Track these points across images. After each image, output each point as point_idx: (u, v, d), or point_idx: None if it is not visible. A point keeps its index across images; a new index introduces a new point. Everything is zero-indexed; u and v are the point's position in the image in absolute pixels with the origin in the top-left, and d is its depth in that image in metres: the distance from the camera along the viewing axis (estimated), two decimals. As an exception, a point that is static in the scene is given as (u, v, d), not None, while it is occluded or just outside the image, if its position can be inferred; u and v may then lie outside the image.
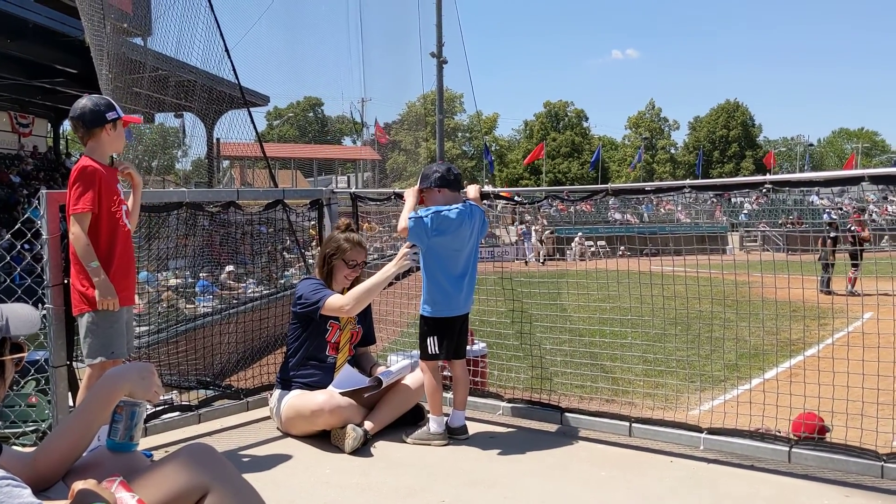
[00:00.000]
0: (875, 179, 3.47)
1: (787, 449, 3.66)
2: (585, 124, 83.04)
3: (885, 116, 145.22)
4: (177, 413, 4.55)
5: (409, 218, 4.15)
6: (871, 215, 44.19)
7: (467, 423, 4.33)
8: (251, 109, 14.23)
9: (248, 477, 2.35)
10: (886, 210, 47.55)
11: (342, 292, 4.41)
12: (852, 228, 18.48)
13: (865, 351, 3.78)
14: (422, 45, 41.71)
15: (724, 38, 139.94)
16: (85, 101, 3.73)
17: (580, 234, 32.58)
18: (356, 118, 63.94)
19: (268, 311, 5.56)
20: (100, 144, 3.74)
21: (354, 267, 4.43)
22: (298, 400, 4.25)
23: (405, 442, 4.18)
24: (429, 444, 4.15)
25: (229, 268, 9.62)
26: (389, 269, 4.25)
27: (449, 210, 4.18)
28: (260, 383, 5.06)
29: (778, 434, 3.86)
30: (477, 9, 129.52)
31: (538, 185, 65.66)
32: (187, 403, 4.69)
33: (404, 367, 4.44)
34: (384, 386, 4.29)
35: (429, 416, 4.26)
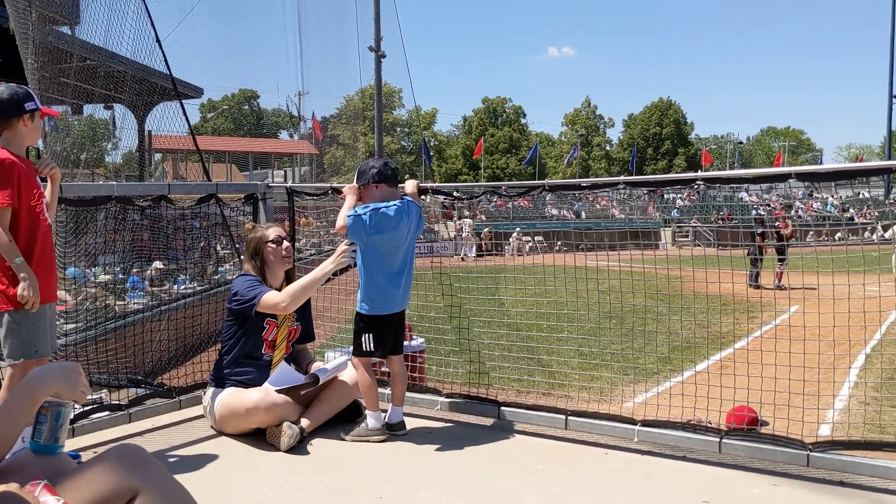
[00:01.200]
0: (801, 177, 3.58)
1: (718, 440, 3.75)
2: (523, 121, 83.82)
3: (811, 116, 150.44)
4: (106, 413, 4.41)
5: (348, 216, 4.10)
6: (797, 212, 45.67)
7: (405, 418, 4.32)
8: (184, 101, 13.89)
9: (181, 477, 2.30)
10: (811, 207, 49.20)
11: (280, 287, 4.36)
12: (776, 225, 19.06)
13: (792, 343, 3.89)
14: (360, 38, 41.33)
15: (657, 37, 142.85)
16: (2, 89, 3.57)
17: (518, 229, 32.83)
18: (293, 112, 63.31)
19: (201, 308, 5.44)
20: (16, 136, 3.57)
21: (282, 242, 4.37)
22: (232, 398, 4.17)
23: (343, 439, 4.15)
24: (367, 441, 4.13)
25: (157, 264, 9.38)
26: (327, 265, 4.20)
27: (387, 207, 4.15)
28: (193, 381, 4.96)
29: (709, 425, 3.95)
30: (415, 3, 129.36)
31: (477, 181, 66.04)
32: (117, 403, 4.56)
33: (341, 364, 4.41)
34: (321, 383, 4.25)
35: (366, 412, 4.23)
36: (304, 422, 4.16)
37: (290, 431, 3.98)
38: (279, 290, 4.33)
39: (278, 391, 4.14)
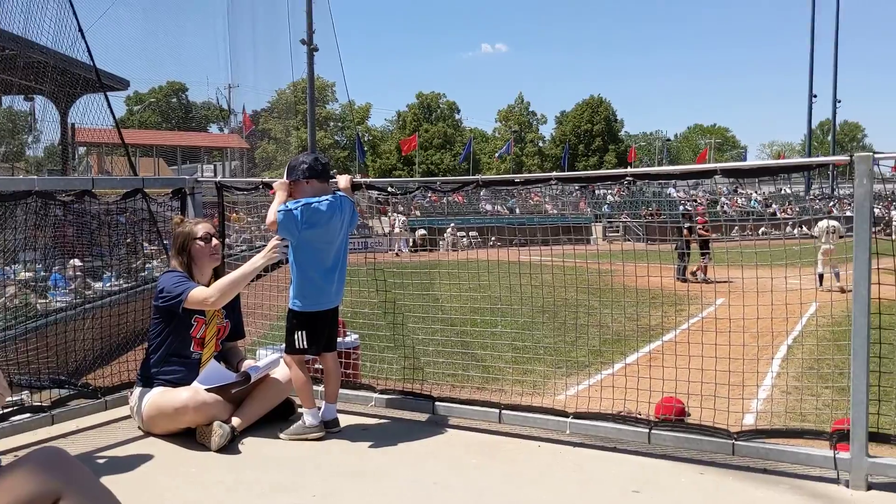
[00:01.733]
0: (726, 173, 3.68)
1: (647, 431, 3.83)
2: (457, 116, 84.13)
3: (736, 114, 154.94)
4: (27, 415, 4.25)
5: (279, 211, 4.03)
6: (722, 207, 46.97)
7: (339, 415, 4.29)
8: (109, 93, 13.50)
9: (107, 479, 2.24)
10: (736, 202, 50.67)
11: (208, 284, 4.28)
12: (695, 220, 19.61)
13: (718, 335, 4.00)
14: (291, 31, 40.82)
15: (588, 35, 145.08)
16: None
17: (452, 224, 32.95)
18: (223, 105, 62.12)
19: (128, 306, 5.29)
20: None
21: (210, 239, 4.29)
22: (161, 398, 4.07)
23: (279, 438, 4.09)
24: (306, 438, 4.08)
25: (75, 262, 9.10)
26: (257, 260, 4.12)
27: (319, 202, 4.10)
28: (119, 381, 4.81)
29: (639, 416, 4.03)
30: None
31: (411, 177, 65.98)
32: (39, 404, 4.40)
33: (273, 361, 4.34)
34: (252, 381, 4.18)
35: (301, 410, 4.18)
36: (236, 421, 4.09)
37: (220, 431, 3.91)
38: (207, 286, 4.26)
39: (208, 390, 4.05)
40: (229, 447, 3.92)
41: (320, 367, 4.40)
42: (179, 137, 55.24)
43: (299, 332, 4.12)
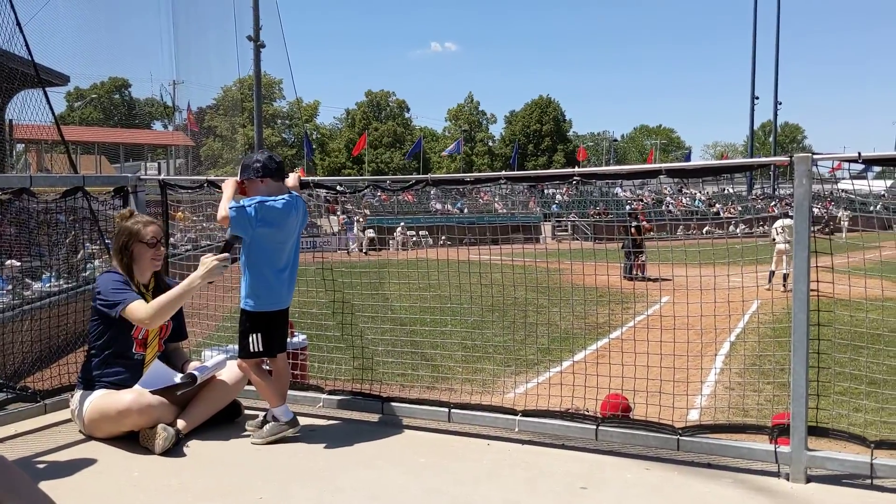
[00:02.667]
0: (671, 173, 3.74)
1: (595, 427, 3.87)
2: (407, 115, 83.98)
3: (681, 115, 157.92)
4: (-38, 420, 4.12)
5: (231, 207, 3.95)
6: (667, 206, 47.78)
7: None
8: (48, 89, 13.12)
9: (47, 485, 2.18)
10: (681, 202, 51.60)
11: (149, 283, 4.21)
12: (638, 219, 19.98)
13: (663, 332, 4.06)
14: (237, 27, 40.27)
15: (537, 35, 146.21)
16: None
17: (402, 223, 32.91)
18: (167, 101, 60.96)
19: (68, 307, 5.15)
20: None
21: (156, 245, 4.20)
22: (103, 400, 3.98)
23: (255, 444, 4.02)
24: (284, 436, 4.02)
25: (12, 262, 8.85)
26: (195, 279, 4.01)
27: (275, 200, 4.04)
28: (60, 384, 4.69)
29: (586, 413, 4.07)
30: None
31: (361, 175, 65.71)
32: (-27, 409, 4.26)
33: (220, 363, 4.28)
34: (199, 382, 4.11)
35: (271, 410, 4.11)
36: (181, 423, 4.02)
37: (164, 434, 3.83)
38: (147, 286, 4.19)
39: (153, 392, 3.97)
40: (174, 450, 3.85)
41: (268, 368, 4.35)
42: (122, 135, 54.02)
43: (254, 335, 4.05)
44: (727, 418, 4.58)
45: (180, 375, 4.10)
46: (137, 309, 3.98)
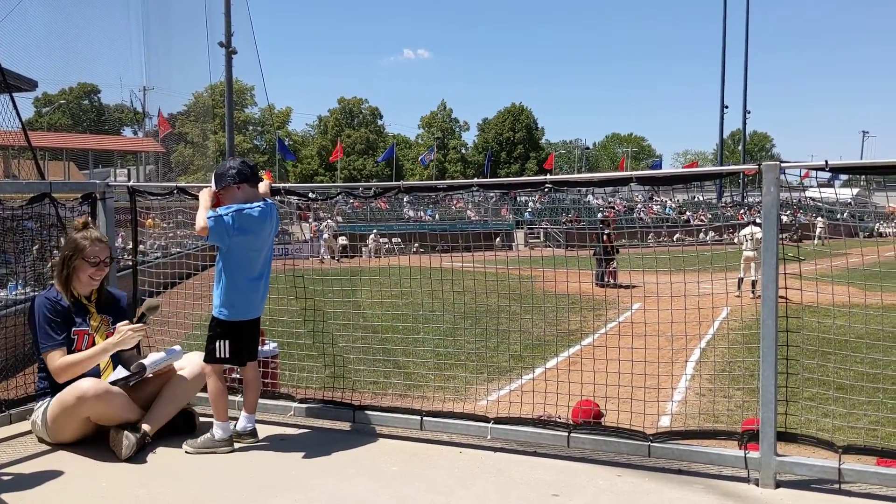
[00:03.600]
0: (641, 180, 3.77)
1: (566, 434, 3.87)
2: (380, 122, 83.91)
3: (652, 124, 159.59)
4: (-76, 431, 4.03)
5: (209, 217, 3.92)
6: (639, 213, 48.19)
7: (258, 426, 4.20)
8: (16, 94, 12.94)
9: (12, 497, 2.13)
10: (652, 209, 52.06)
11: (91, 294, 4.17)
12: (609, 226, 20.16)
13: (634, 339, 4.08)
14: (209, 33, 39.96)
15: (510, 43, 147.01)
16: None
17: (375, 230, 32.85)
18: (137, 107, 60.29)
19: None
20: None
21: (98, 265, 4.13)
22: (63, 394, 3.90)
23: (187, 452, 3.97)
24: (214, 452, 3.97)
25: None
26: (109, 344, 4.01)
27: (251, 208, 4.02)
28: (25, 393, 4.59)
29: (558, 420, 4.07)
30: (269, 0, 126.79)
31: (333, 182, 65.49)
32: (-64, 420, 4.17)
33: (175, 352, 4.19)
34: (151, 373, 4.04)
35: (212, 421, 4.07)
36: (146, 426, 3.98)
37: (132, 437, 3.81)
38: (89, 297, 4.17)
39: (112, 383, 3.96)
40: (142, 459, 3.81)
41: (238, 376, 4.30)
42: (91, 141, 53.33)
43: (221, 342, 4.01)
44: (698, 424, 4.63)
45: (131, 367, 4.04)
46: (53, 359, 3.97)
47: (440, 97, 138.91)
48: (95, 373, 4.09)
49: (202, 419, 4.37)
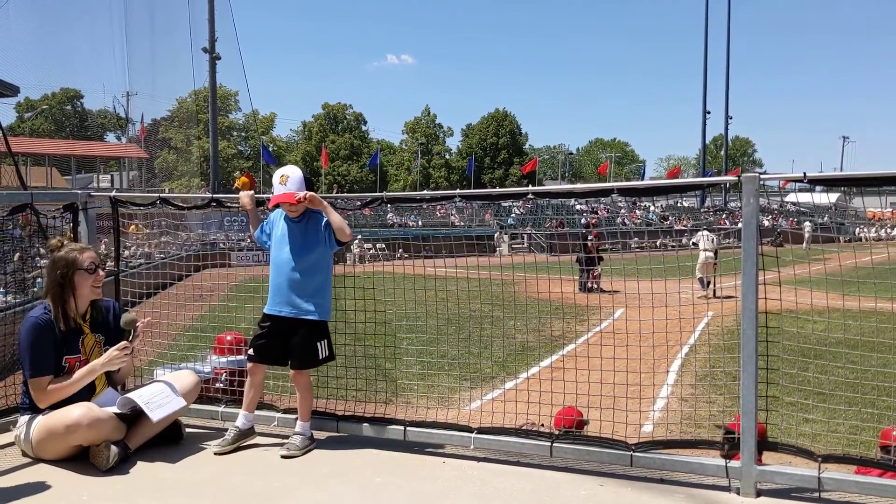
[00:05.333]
0: (623, 192, 3.79)
1: (549, 444, 3.88)
2: (364, 128, 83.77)
3: (635, 129, 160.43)
4: None
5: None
6: (623, 220, 48.39)
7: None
8: (-4, 100, 12.87)
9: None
10: (635, 215, 52.27)
11: (86, 313, 4.13)
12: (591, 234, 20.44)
13: (617, 345, 4.10)
14: (193, 38, 39.82)
15: (492, 49, 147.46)
16: None
17: (359, 237, 32.79)
18: (120, 113, 59.98)
19: (14, 325, 4.99)
20: None
21: (95, 270, 4.10)
22: (51, 418, 3.87)
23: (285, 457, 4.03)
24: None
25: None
26: (96, 365, 4.00)
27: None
28: (6, 405, 4.55)
29: (541, 429, 4.09)
30: (251, 4, 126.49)
31: (318, 188, 65.17)
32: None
33: (177, 408, 4.14)
34: (154, 419, 3.99)
35: (300, 422, 4.25)
36: (130, 440, 3.96)
37: (108, 452, 3.78)
38: (84, 315, 4.11)
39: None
40: (124, 471, 3.79)
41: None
42: (74, 146, 52.91)
43: (326, 342, 4.30)
44: (680, 430, 4.64)
45: (123, 404, 4.00)
46: (39, 385, 3.93)
47: (424, 103, 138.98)
48: (90, 387, 4.07)
49: (187, 430, 4.37)
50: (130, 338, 4.10)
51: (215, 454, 4.06)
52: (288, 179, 4.15)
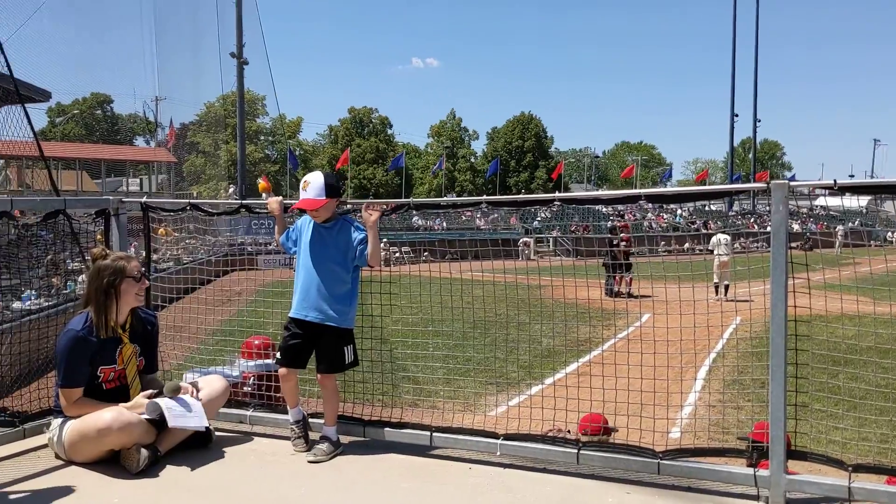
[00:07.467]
0: (651, 199, 3.77)
1: (576, 451, 3.87)
2: (390, 131, 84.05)
3: (662, 132, 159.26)
4: (-60, 445, 4.06)
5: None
6: (650, 223, 48.05)
7: (267, 440, 4.25)
8: (30, 105, 13.07)
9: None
10: (662, 218, 51.95)
11: (126, 321, 4.18)
12: (621, 236, 20.20)
13: (644, 350, 4.08)
14: (221, 44, 40.26)
15: (518, 52, 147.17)
16: None
17: (385, 240, 32.83)
18: (149, 117, 60.68)
19: (49, 325, 5.06)
20: None
21: (141, 278, 4.18)
22: (83, 422, 3.94)
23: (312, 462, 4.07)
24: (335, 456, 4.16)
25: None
26: (123, 406, 4.00)
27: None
28: (39, 408, 4.62)
29: (567, 436, 4.08)
30: (277, 10, 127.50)
31: (343, 192, 65.41)
32: (-49, 434, 4.20)
33: (198, 423, 4.15)
34: (171, 425, 4.02)
35: (326, 427, 4.29)
36: (160, 443, 4.01)
37: (139, 455, 3.84)
38: (123, 325, 4.17)
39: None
40: (153, 474, 3.83)
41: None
42: (104, 150, 53.60)
43: (351, 347, 4.33)
44: (708, 437, 4.61)
45: (152, 409, 4.05)
46: (69, 396, 4.01)
47: (449, 106, 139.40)
48: (124, 394, 4.15)
49: (216, 433, 4.41)
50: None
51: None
52: (309, 185, 4.19)
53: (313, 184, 4.18)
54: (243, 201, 5.29)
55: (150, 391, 4.11)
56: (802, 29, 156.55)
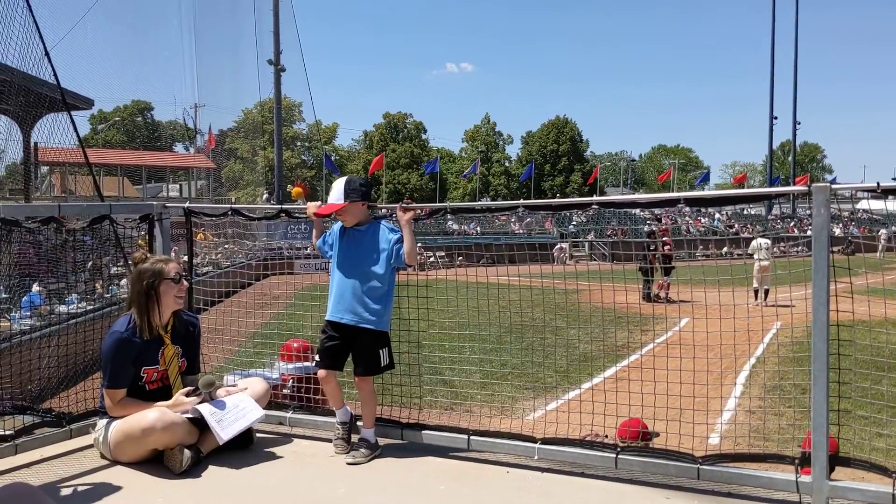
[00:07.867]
0: (690, 202, 3.75)
1: (614, 456, 3.86)
2: (424, 136, 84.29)
3: (699, 135, 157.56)
4: (-11, 444, 4.17)
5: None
6: (687, 227, 47.54)
7: (306, 441, 4.31)
8: (73, 113, 13.38)
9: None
10: (700, 222, 51.37)
11: (168, 323, 4.27)
12: (663, 240, 20.01)
13: (683, 355, 4.04)
14: (258, 51, 40.80)
15: (552, 56, 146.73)
16: None
17: (419, 245, 32.89)
18: (189, 124, 61.65)
19: (93, 328, 5.18)
20: None
21: (180, 281, 4.27)
22: (126, 423, 4.03)
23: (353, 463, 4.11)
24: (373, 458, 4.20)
25: (35, 287, 8.98)
26: (163, 405, 4.09)
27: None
28: (84, 409, 4.72)
29: (605, 440, 4.06)
30: (314, 17, 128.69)
31: (378, 196, 65.95)
32: (2, 433, 4.30)
33: (255, 418, 4.27)
34: (224, 437, 4.10)
35: (364, 429, 4.34)
36: (202, 443, 4.09)
37: (182, 455, 3.92)
38: (166, 326, 4.25)
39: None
40: (196, 475, 3.89)
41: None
42: (144, 157, 54.61)
43: (388, 350, 4.38)
44: (748, 443, 4.56)
45: (196, 410, 4.14)
46: (113, 396, 4.10)
47: (484, 110, 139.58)
48: (166, 393, 4.24)
49: (257, 435, 4.47)
50: (201, 393, 4.20)
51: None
52: (332, 190, 4.33)
53: (335, 189, 4.31)
54: (283, 206, 5.37)
55: (188, 388, 4.19)
56: (842, 28, 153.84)
